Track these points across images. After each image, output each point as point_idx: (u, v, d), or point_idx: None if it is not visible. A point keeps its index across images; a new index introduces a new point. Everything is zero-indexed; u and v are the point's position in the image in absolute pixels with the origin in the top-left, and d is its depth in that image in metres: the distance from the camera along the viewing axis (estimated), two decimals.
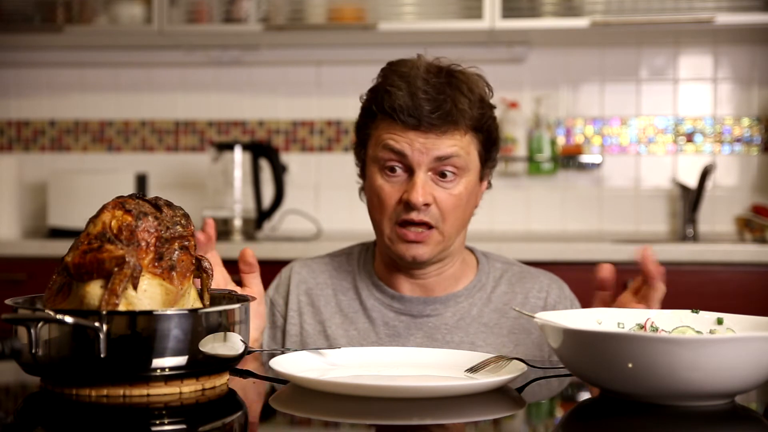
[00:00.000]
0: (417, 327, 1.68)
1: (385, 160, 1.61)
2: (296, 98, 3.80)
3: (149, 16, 3.53)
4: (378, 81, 1.67)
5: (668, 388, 1.06)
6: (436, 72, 1.62)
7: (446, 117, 1.59)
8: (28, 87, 3.91)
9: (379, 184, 1.62)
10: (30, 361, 1.10)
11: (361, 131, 1.69)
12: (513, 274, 1.76)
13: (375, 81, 1.68)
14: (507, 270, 1.76)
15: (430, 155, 1.59)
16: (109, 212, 1.15)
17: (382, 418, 1.08)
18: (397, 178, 1.62)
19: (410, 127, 1.59)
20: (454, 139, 1.60)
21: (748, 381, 1.08)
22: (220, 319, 1.15)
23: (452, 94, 1.59)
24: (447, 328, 1.67)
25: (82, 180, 3.58)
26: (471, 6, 3.40)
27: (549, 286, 1.75)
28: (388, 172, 1.62)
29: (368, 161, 1.66)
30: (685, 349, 1.03)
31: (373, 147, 1.65)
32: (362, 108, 1.69)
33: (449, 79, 1.61)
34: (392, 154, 1.60)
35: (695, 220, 3.51)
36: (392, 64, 1.67)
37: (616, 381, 1.09)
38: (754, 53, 3.62)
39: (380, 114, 1.62)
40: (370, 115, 1.65)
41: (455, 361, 1.29)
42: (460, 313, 1.69)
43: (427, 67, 1.62)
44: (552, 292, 1.74)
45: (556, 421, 1.12)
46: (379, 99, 1.63)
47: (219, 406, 1.13)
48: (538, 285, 1.74)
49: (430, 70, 1.62)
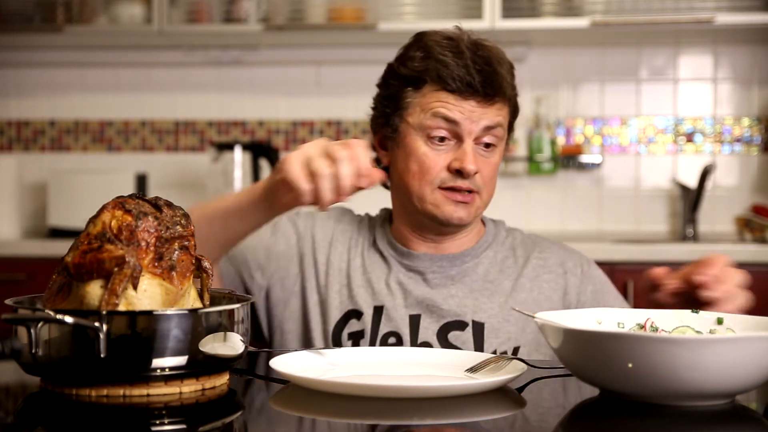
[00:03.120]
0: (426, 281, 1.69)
1: (434, 128, 1.62)
2: (296, 98, 3.80)
3: (149, 16, 3.53)
4: (416, 50, 1.66)
5: (668, 388, 1.06)
6: (475, 43, 1.65)
7: (497, 87, 1.62)
8: (28, 87, 3.91)
9: (423, 152, 1.63)
10: (30, 361, 1.10)
11: (396, 99, 1.68)
12: (522, 240, 1.78)
13: (405, 49, 1.69)
14: (515, 236, 1.79)
15: (480, 124, 1.62)
16: (109, 212, 1.15)
17: (382, 418, 1.08)
18: (443, 147, 1.63)
19: (464, 96, 1.61)
20: (499, 109, 1.64)
21: (748, 381, 1.08)
22: (220, 319, 1.15)
23: (496, 65, 1.63)
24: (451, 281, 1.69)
25: (82, 180, 3.58)
26: (471, 6, 3.40)
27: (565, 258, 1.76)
28: (437, 141, 1.63)
29: (406, 128, 1.66)
30: (685, 349, 1.03)
31: (417, 114, 1.64)
32: (398, 75, 1.68)
33: (487, 51, 1.64)
34: (443, 123, 1.62)
35: (695, 220, 3.51)
36: (426, 34, 1.68)
37: (616, 381, 1.09)
38: (754, 53, 3.62)
39: (430, 83, 1.63)
40: (412, 83, 1.65)
41: (455, 361, 1.29)
42: (465, 271, 1.70)
43: (467, 38, 1.65)
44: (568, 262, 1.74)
45: (556, 421, 1.12)
46: (431, 68, 1.63)
47: (219, 406, 1.13)
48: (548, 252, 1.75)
49: (470, 41, 1.65)
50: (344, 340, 1.66)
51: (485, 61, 1.62)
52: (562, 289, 1.71)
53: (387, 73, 1.72)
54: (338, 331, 1.67)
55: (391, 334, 1.65)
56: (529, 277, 1.71)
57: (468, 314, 1.65)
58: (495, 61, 1.64)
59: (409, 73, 1.66)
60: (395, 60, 1.71)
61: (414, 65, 1.65)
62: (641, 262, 2.95)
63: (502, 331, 1.64)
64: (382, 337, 1.65)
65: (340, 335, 1.66)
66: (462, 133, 1.62)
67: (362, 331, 1.66)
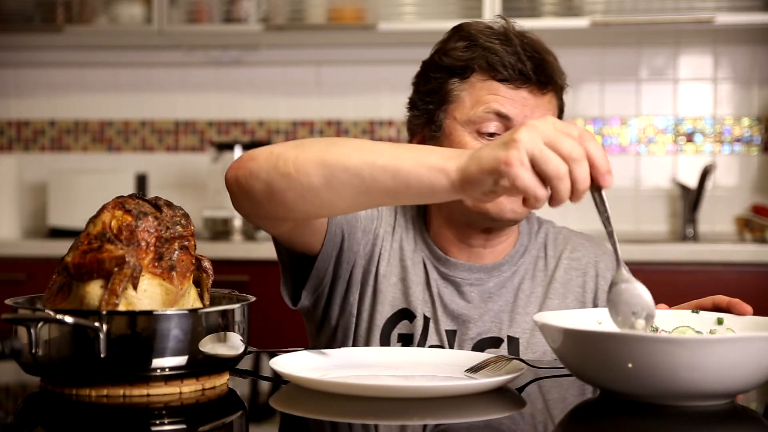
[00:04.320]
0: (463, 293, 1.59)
1: (485, 123, 1.52)
2: (296, 98, 3.80)
3: (149, 16, 3.53)
4: (458, 40, 1.57)
5: (668, 388, 1.06)
6: (519, 31, 1.56)
7: (549, 75, 1.53)
8: (28, 87, 3.91)
9: (472, 147, 1.48)
10: (30, 361, 1.10)
11: (440, 93, 1.56)
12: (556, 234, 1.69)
13: (444, 42, 1.59)
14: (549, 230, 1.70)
15: (533, 118, 1.49)
16: (109, 212, 1.15)
17: (382, 418, 1.08)
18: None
19: (516, 85, 1.51)
20: (550, 102, 1.55)
21: (748, 381, 1.08)
22: (220, 319, 1.15)
23: (544, 53, 1.54)
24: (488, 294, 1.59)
25: (82, 180, 3.58)
26: (471, 6, 3.40)
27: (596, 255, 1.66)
28: (487, 135, 1.52)
29: (452, 124, 1.54)
30: (685, 349, 1.03)
31: (465, 109, 1.53)
32: (440, 67, 1.57)
33: (533, 40, 1.55)
34: (496, 116, 1.51)
35: (695, 220, 3.51)
36: (468, 24, 1.58)
37: (616, 381, 1.09)
38: (754, 53, 3.62)
39: (478, 72, 1.53)
40: (458, 73, 1.55)
41: (455, 361, 1.29)
42: (503, 282, 1.61)
43: (511, 26, 1.56)
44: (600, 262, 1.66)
45: (556, 421, 1.12)
46: (478, 55, 1.52)
47: (219, 406, 1.13)
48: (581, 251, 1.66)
49: (514, 29, 1.55)
50: (393, 341, 1.57)
51: (534, 48, 1.53)
52: (592, 292, 1.63)
53: (426, 68, 1.61)
54: (389, 327, 1.58)
55: (438, 347, 1.56)
56: (561, 281, 1.63)
57: (503, 329, 1.58)
58: (542, 49, 1.55)
59: (454, 62, 1.55)
60: (434, 53, 1.60)
61: (459, 54, 1.55)
62: (641, 262, 2.95)
63: (538, 345, 1.57)
64: (428, 347, 1.56)
65: (390, 333, 1.58)
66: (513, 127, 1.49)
67: (412, 335, 1.57)
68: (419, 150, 1.21)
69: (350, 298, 1.60)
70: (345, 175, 1.22)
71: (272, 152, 1.30)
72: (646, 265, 2.98)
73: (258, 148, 1.34)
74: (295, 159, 1.27)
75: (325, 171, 1.23)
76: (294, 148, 1.29)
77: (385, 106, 3.71)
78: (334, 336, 1.63)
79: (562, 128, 1.07)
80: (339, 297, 1.61)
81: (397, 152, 1.20)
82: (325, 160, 1.23)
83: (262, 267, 3.10)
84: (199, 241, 2.80)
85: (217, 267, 1.27)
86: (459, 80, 1.55)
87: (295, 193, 1.27)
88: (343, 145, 1.25)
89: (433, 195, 1.18)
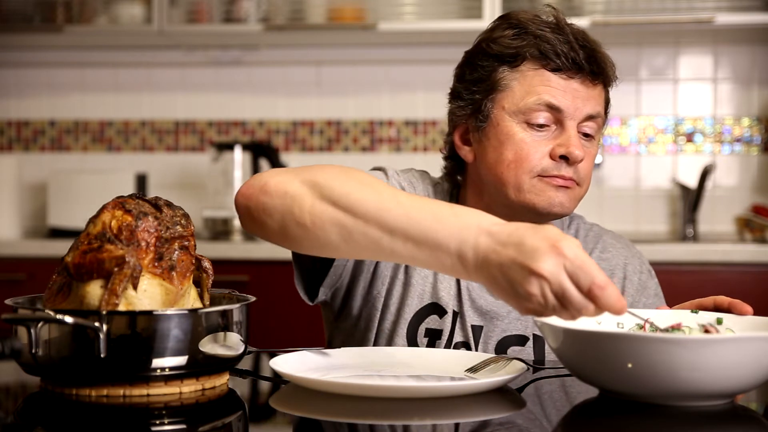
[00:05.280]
0: None
1: (535, 113, 1.48)
2: (296, 98, 3.80)
3: (149, 16, 3.53)
4: (507, 29, 1.53)
5: (668, 388, 1.06)
6: (568, 21, 1.52)
7: (602, 66, 1.50)
8: (28, 87, 3.91)
9: (521, 138, 1.48)
10: (30, 361, 1.10)
11: (488, 81, 1.52)
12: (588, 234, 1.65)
13: (491, 31, 1.54)
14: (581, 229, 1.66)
15: (584, 111, 1.49)
16: (109, 212, 1.15)
17: (382, 418, 1.08)
18: (543, 133, 1.49)
19: (568, 75, 1.48)
20: (600, 95, 1.52)
21: (747, 381, 1.08)
22: (220, 319, 1.15)
23: (594, 44, 1.50)
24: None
25: (82, 180, 3.58)
26: (471, 6, 3.40)
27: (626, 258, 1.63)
28: (536, 126, 1.49)
29: (500, 114, 1.50)
30: (685, 349, 1.03)
31: (515, 98, 1.50)
32: (489, 55, 1.53)
33: (582, 30, 1.52)
34: (546, 108, 1.48)
35: (695, 220, 3.51)
36: (515, 13, 1.55)
37: (616, 381, 1.09)
38: (754, 53, 3.62)
39: (530, 60, 1.49)
40: (508, 61, 1.50)
41: (455, 361, 1.29)
42: None
43: (562, 15, 1.53)
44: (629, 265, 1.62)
45: (556, 421, 1.12)
46: (529, 43, 1.48)
47: (219, 406, 1.13)
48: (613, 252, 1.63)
49: (564, 18, 1.52)
50: (420, 335, 1.54)
51: (585, 38, 1.50)
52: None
53: (472, 56, 1.56)
54: (416, 322, 1.54)
55: (463, 344, 1.54)
56: None
57: (529, 327, 1.54)
58: (592, 41, 1.51)
59: (504, 50, 1.51)
60: (480, 41, 1.55)
61: (509, 42, 1.50)
62: None
63: None
64: (455, 345, 1.53)
65: (417, 327, 1.54)
66: (565, 119, 1.48)
67: (440, 331, 1.54)
68: (438, 218, 1.13)
69: (374, 291, 1.56)
70: (364, 240, 1.17)
71: (287, 192, 1.22)
72: None
73: (269, 173, 1.27)
74: (311, 209, 1.20)
75: (342, 232, 1.18)
76: (310, 192, 1.21)
77: (385, 106, 3.71)
78: (357, 325, 1.58)
79: (577, 278, 1.04)
80: (362, 289, 1.56)
81: (416, 217, 1.13)
82: (342, 221, 1.17)
83: (262, 267, 3.11)
84: (199, 241, 2.81)
85: (217, 267, 1.27)
86: (509, 68, 1.51)
87: (312, 243, 1.22)
88: (362, 200, 1.17)
89: (447, 272, 1.13)
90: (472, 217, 1.12)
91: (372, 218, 1.15)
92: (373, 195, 1.17)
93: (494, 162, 1.51)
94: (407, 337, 1.54)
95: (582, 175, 1.50)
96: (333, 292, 1.57)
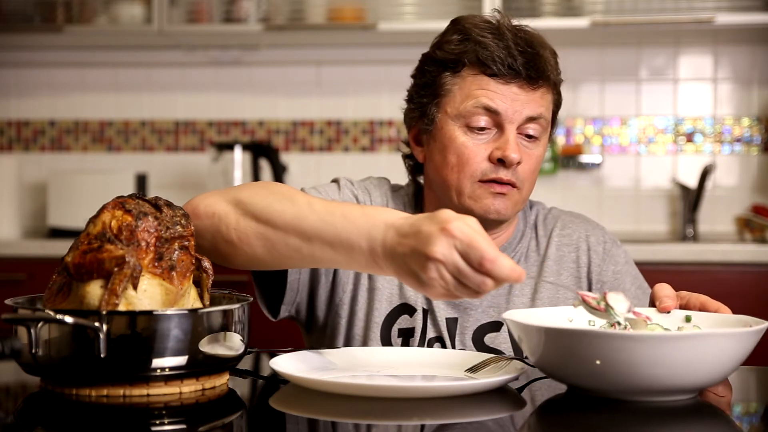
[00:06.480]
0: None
1: (474, 117, 1.52)
2: (296, 98, 3.80)
3: (149, 16, 3.53)
4: (453, 34, 1.57)
5: (632, 384, 1.08)
6: (515, 26, 1.55)
7: (541, 70, 1.53)
8: (28, 87, 3.91)
9: (462, 142, 1.53)
10: (30, 361, 1.10)
11: (433, 86, 1.57)
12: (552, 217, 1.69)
13: (442, 35, 1.59)
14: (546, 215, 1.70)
15: (523, 114, 1.52)
16: (109, 212, 1.15)
17: (382, 418, 1.08)
18: (484, 136, 1.53)
19: (506, 80, 1.52)
20: (543, 98, 1.55)
21: (709, 376, 1.11)
22: (220, 319, 1.15)
23: (538, 48, 1.54)
24: None
25: (82, 180, 3.58)
26: (471, 6, 3.40)
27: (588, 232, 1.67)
28: (476, 130, 1.53)
29: (443, 119, 1.56)
30: (647, 346, 1.05)
31: (456, 102, 1.54)
32: (434, 60, 1.58)
33: (529, 34, 1.55)
34: (485, 111, 1.52)
35: (695, 220, 3.51)
36: (464, 18, 1.58)
37: (583, 377, 1.12)
38: (754, 53, 3.62)
39: (469, 66, 1.54)
40: (450, 67, 1.55)
41: (455, 361, 1.29)
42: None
43: (507, 21, 1.56)
44: (591, 237, 1.67)
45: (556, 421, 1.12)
46: (470, 50, 1.53)
47: (219, 406, 1.13)
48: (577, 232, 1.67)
49: (510, 24, 1.55)
50: (394, 337, 1.57)
51: (527, 43, 1.53)
52: (586, 266, 1.64)
53: (422, 61, 1.62)
54: (388, 324, 1.57)
55: (437, 339, 1.57)
56: (553, 258, 1.64)
57: (501, 312, 1.55)
58: (537, 44, 1.54)
59: (447, 56, 1.56)
60: (431, 46, 1.61)
61: (451, 48, 1.55)
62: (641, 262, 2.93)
63: None
64: (428, 341, 1.57)
65: (390, 330, 1.57)
66: (503, 122, 1.52)
67: (412, 329, 1.57)
68: (349, 220, 1.20)
69: (336, 299, 1.60)
70: (286, 249, 1.25)
71: (215, 213, 1.29)
72: (646, 265, 2.97)
73: (200, 197, 1.34)
74: (237, 226, 1.28)
75: (267, 244, 1.26)
76: (234, 210, 1.29)
77: (385, 106, 3.72)
78: (324, 333, 1.63)
79: (466, 260, 1.09)
80: (324, 299, 1.61)
81: (329, 222, 1.21)
82: (265, 234, 1.26)
83: None
84: None
85: (217, 267, 1.27)
86: (451, 74, 1.56)
87: (241, 258, 1.31)
88: (280, 212, 1.25)
89: (345, 255, 1.20)
90: (380, 215, 1.19)
91: (290, 228, 1.24)
92: (290, 206, 1.25)
93: (440, 165, 1.57)
94: (381, 341, 1.57)
95: (522, 177, 1.54)
96: (296, 307, 1.60)
